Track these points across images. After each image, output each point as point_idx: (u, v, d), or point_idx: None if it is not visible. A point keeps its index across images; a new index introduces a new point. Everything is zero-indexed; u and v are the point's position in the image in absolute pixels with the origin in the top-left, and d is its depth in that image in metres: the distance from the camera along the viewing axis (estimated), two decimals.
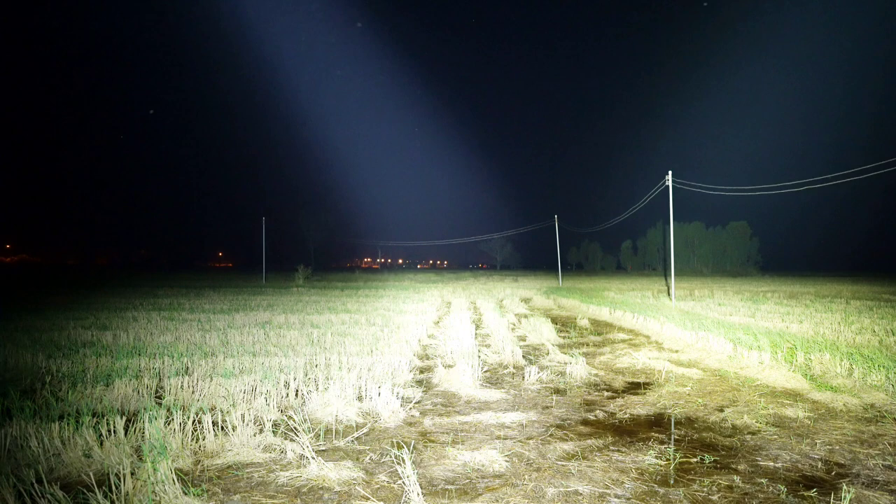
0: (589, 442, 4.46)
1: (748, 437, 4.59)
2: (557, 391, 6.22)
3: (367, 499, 3.35)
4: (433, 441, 4.45)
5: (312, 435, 4.47)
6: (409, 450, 4.10)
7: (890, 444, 4.37)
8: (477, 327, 12.15)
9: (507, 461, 3.98)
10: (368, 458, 4.05)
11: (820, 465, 3.97)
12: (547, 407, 5.54)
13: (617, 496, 3.43)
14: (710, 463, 4.00)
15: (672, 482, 3.66)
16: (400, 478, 3.60)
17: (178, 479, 3.30)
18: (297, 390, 5.55)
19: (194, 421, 4.30)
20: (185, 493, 3.23)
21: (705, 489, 3.54)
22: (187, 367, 6.54)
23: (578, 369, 7.06)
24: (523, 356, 8.31)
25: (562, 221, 42.68)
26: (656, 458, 4.09)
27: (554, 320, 13.92)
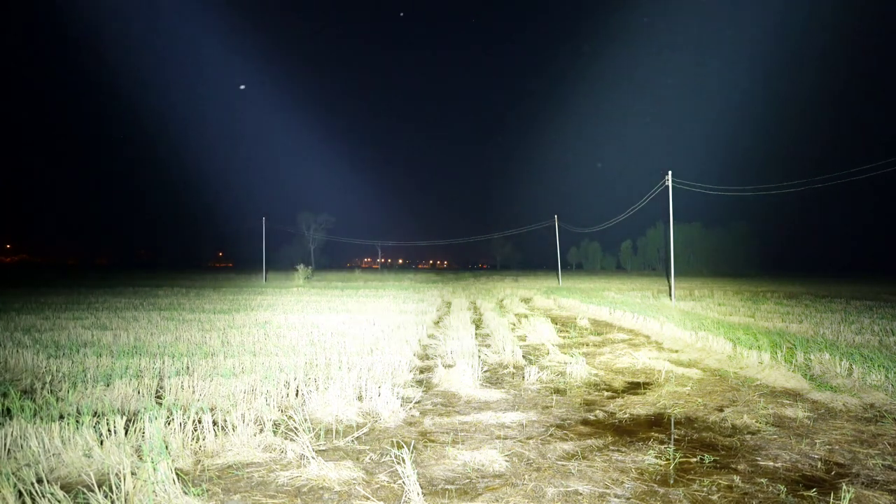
0: (589, 442, 4.46)
1: (748, 436, 4.59)
2: (557, 391, 6.22)
3: (368, 498, 3.35)
4: (433, 441, 4.45)
5: (312, 435, 4.47)
6: (409, 449, 4.10)
7: (890, 444, 4.37)
8: (477, 327, 12.16)
9: (507, 461, 3.99)
10: (368, 457, 4.05)
11: (820, 464, 3.97)
12: (547, 407, 5.54)
13: (617, 496, 3.43)
14: (709, 463, 4.00)
15: (672, 482, 3.66)
16: (400, 477, 3.60)
17: (178, 479, 3.30)
18: (297, 390, 5.55)
19: (194, 421, 4.30)
20: (186, 493, 3.24)
21: (705, 489, 3.54)
22: (188, 367, 6.54)
23: (578, 369, 7.07)
24: (523, 356, 8.31)
25: (562, 221, 42.72)
26: (656, 457, 4.09)
27: (554, 320, 13.92)
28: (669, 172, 22.43)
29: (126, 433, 4.05)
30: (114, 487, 3.14)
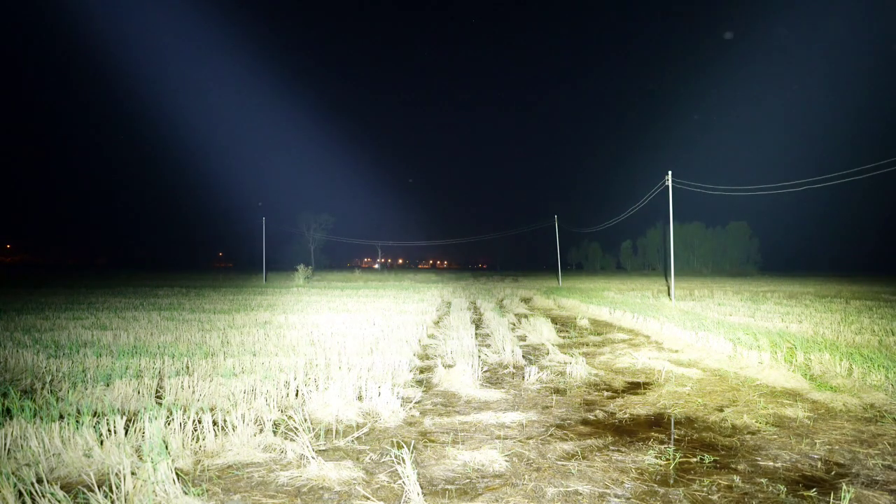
0: (589, 442, 4.47)
1: (748, 436, 4.59)
2: (557, 391, 6.22)
3: (368, 498, 3.35)
4: (433, 441, 4.45)
5: (312, 435, 4.47)
6: (409, 449, 4.10)
7: (889, 444, 4.37)
8: (477, 327, 12.15)
9: (507, 461, 3.99)
10: (368, 457, 4.05)
11: (819, 464, 3.97)
12: (547, 407, 5.54)
13: (617, 496, 3.43)
14: (709, 463, 4.00)
15: (672, 482, 3.66)
16: (400, 477, 3.60)
17: (178, 479, 3.30)
18: (297, 390, 5.55)
19: (194, 421, 4.30)
20: (186, 493, 3.24)
21: (705, 489, 3.54)
22: (188, 367, 6.54)
23: (578, 369, 7.07)
24: (523, 356, 8.31)
25: (562, 221, 42.76)
26: (656, 457, 4.09)
27: (554, 320, 13.92)
28: (669, 172, 22.44)
29: (126, 433, 4.05)
30: (114, 487, 3.14)
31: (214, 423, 4.33)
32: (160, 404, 4.90)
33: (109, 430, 3.99)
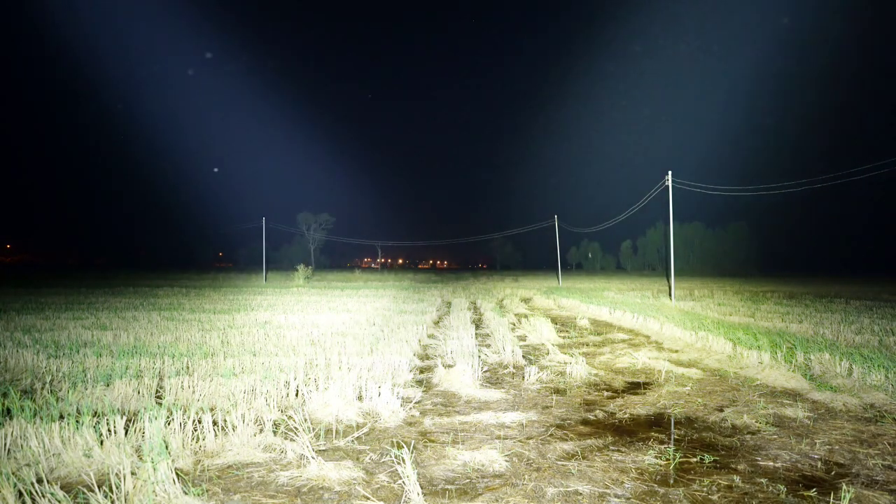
0: (589, 442, 4.47)
1: (748, 436, 4.59)
2: (557, 391, 6.22)
3: (368, 498, 3.35)
4: (433, 441, 4.45)
5: (312, 435, 4.47)
6: (409, 449, 4.10)
7: (889, 444, 4.37)
8: (477, 327, 12.15)
9: (507, 461, 3.99)
10: (369, 457, 4.05)
11: (819, 464, 3.97)
12: (547, 407, 5.54)
13: (617, 496, 3.43)
14: (709, 463, 4.00)
15: (672, 482, 3.66)
16: (400, 477, 3.60)
17: (178, 479, 3.30)
18: (297, 390, 5.55)
19: (194, 421, 4.30)
20: (186, 493, 3.24)
21: (705, 489, 3.54)
22: (188, 367, 6.54)
23: (578, 369, 7.07)
24: (523, 356, 8.31)
25: (562, 221, 42.79)
26: (656, 457, 4.09)
27: (554, 320, 13.92)
28: (669, 172, 22.45)
29: (126, 433, 4.05)
30: (114, 487, 3.14)
31: (214, 423, 4.33)
32: (160, 404, 4.90)
33: (109, 430, 3.99)
